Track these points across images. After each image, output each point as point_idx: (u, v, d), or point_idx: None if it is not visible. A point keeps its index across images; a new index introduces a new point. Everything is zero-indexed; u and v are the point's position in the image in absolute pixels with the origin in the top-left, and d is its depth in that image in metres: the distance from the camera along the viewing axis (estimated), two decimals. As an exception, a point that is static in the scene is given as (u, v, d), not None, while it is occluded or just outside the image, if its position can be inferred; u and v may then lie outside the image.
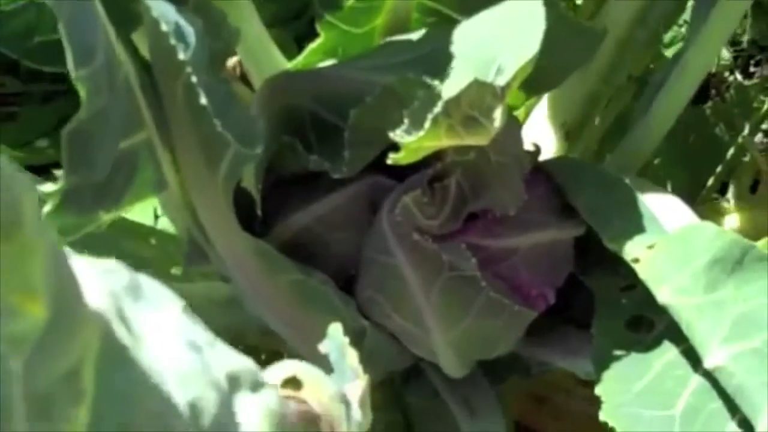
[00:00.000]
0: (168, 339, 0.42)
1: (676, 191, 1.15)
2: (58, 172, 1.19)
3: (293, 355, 1.08)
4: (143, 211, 0.99)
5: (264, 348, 1.02)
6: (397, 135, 0.75)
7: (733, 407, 0.76)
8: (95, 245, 0.86)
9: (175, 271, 0.94)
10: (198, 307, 0.95)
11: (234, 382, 0.43)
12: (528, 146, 0.94)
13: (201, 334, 0.45)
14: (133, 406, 0.38)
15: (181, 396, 0.40)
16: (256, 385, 0.45)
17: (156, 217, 1.02)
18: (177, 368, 0.41)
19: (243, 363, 0.45)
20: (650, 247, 0.82)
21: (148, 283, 0.44)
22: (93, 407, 0.36)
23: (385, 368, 0.94)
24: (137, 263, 0.95)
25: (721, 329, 0.75)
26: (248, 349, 1.05)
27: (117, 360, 0.38)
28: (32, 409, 0.35)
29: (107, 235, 0.85)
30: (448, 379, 0.94)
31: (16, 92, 1.28)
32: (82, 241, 0.76)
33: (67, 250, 0.42)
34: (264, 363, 1.09)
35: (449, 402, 0.95)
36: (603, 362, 0.83)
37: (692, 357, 0.79)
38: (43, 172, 1.20)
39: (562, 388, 1.01)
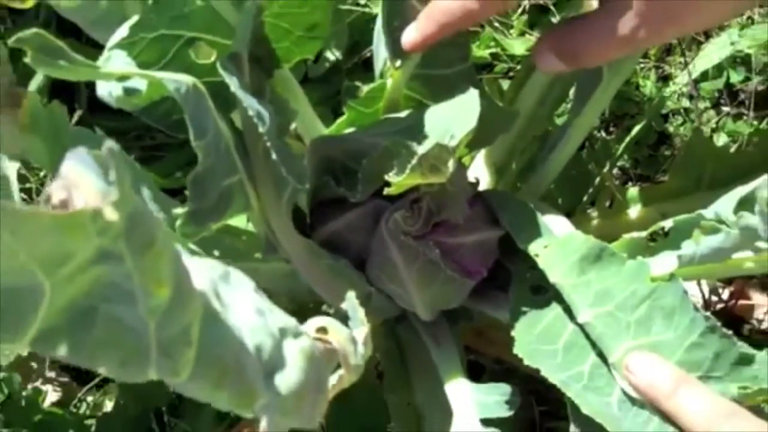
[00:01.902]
0: (244, 307, 0.43)
1: (564, 205, 1.15)
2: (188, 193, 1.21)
3: (329, 306, 1.09)
4: (238, 219, 0.99)
5: (310, 301, 1.02)
6: (390, 177, 0.76)
7: (593, 344, 0.76)
8: (208, 242, 0.87)
9: (257, 256, 0.94)
10: (271, 278, 0.97)
11: (283, 332, 0.44)
12: (471, 179, 0.95)
13: (264, 303, 0.45)
14: (222, 348, 0.39)
15: (250, 342, 0.41)
16: (297, 334, 0.45)
17: (247, 221, 1.02)
18: (249, 325, 0.42)
19: (289, 320, 0.46)
20: (545, 247, 0.82)
21: (234, 272, 0.45)
22: (197, 349, 0.37)
23: (384, 315, 0.95)
24: (234, 252, 0.96)
25: (587, 299, 0.76)
26: (300, 303, 1.06)
27: (213, 321, 0.39)
28: (161, 351, 0.36)
29: (215, 235, 0.86)
30: (423, 322, 0.94)
31: (162, 143, 1.29)
32: (200, 240, 0.77)
33: (185, 252, 0.43)
34: (310, 310, 1.10)
35: (423, 335, 0.96)
36: (516, 314, 0.83)
37: (569, 312, 0.79)
38: (178, 192, 1.20)
39: (494, 326, 1.01)
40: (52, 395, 1.17)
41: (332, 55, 1.28)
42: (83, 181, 0.34)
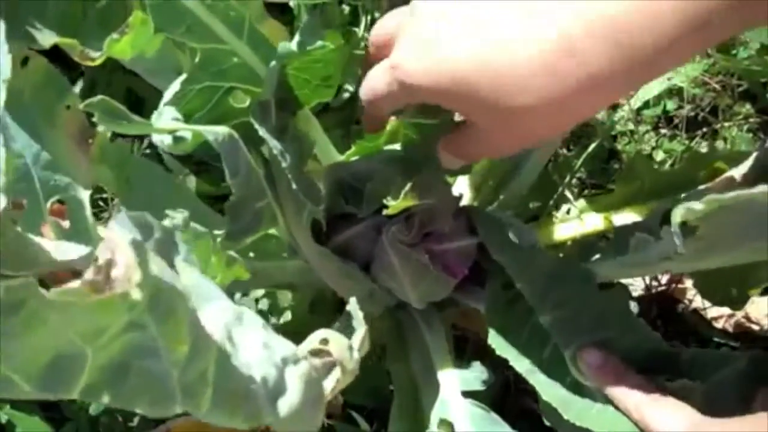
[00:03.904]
0: (253, 343, 0.42)
1: (534, 209, 1.14)
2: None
3: (338, 296, 1.06)
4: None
5: (328, 291, 1.00)
6: (388, 200, 0.76)
7: (550, 336, 0.76)
8: (245, 246, 0.85)
9: (284, 255, 0.94)
10: (296, 274, 0.96)
11: (285, 361, 0.43)
12: (455, 194, 0.93)
13: (270, 336, 0.44)
14: (234, 383, 0.39)
15: (258, 374, 0.41)
16: (296, 361, 0.45)
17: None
18: (257, 359, 0.41)
19: (290, 348, 0.45)
20: (513, 259, 0.81)
21: (246, 312, 0.44)
22: (213, 387, 0.37)
23: (386, 305, 0.94)
24: (266, 253, 0.95)
25: (548, 305, 0.76)
26: (320, 292, 1.05)
27: (225, 361, 0.38)
28: (184, 393, 0.35)
29: (251, 243, 0.85)
30: (417, 309, 0.93)
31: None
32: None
33: (212, 287, 0.42)
34: (328, 300, 1.08)
35: (417, 319, 0.95)
36: (490, 307, 0.83)
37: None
38: (225, 197, 1.19)
39: (475, 310, 1.00)
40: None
41: (350, 87, 1.27)
42: (123, 242, 0.34)
